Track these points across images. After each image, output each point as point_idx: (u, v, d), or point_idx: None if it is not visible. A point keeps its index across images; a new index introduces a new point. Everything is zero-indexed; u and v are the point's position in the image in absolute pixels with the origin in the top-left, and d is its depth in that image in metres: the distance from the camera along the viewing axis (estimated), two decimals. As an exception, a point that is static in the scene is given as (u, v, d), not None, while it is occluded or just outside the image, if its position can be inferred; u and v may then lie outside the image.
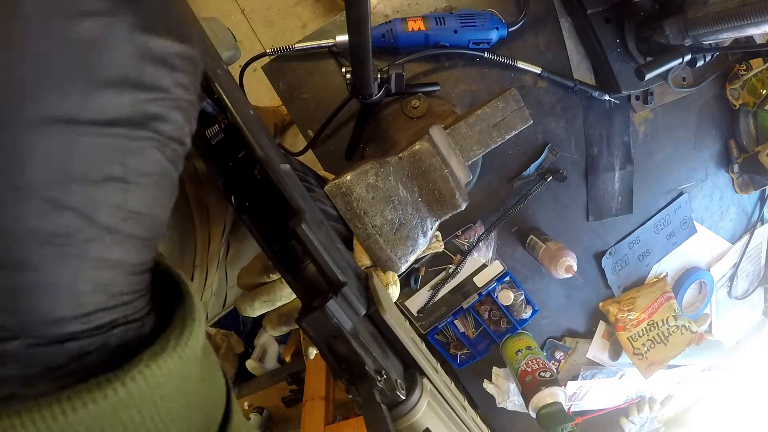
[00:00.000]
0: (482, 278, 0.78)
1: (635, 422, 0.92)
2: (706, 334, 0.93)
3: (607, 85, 0.70)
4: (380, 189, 0.47)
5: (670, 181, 0.81)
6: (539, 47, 0.70)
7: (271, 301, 0.41)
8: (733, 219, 0.88)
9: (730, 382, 1.01)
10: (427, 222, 0.51)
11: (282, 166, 0.31)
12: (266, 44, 1.67)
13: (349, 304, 0.29)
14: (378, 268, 0.50)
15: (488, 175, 0.73)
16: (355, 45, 0.44)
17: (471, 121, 0.57)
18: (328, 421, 0.88)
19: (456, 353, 0.81)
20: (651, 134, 0.78)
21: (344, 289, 0.28)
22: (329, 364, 0.29)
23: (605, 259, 0.81)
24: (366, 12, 0.39)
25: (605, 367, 0.89)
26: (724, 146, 0.83)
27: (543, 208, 0.77)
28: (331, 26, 0.65)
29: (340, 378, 0.29)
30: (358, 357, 0.28)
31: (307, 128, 0.68)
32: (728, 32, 0.57)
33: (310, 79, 0.67)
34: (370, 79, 0.53)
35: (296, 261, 0.35)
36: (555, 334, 0.85)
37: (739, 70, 0.77)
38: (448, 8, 0.67)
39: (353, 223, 0.45)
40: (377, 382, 0.28)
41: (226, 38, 0.92)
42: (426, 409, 0.30)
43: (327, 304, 0.27)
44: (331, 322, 0.27)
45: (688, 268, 0.88)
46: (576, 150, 0.75)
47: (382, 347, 0.31)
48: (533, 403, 0.72)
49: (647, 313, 0.83)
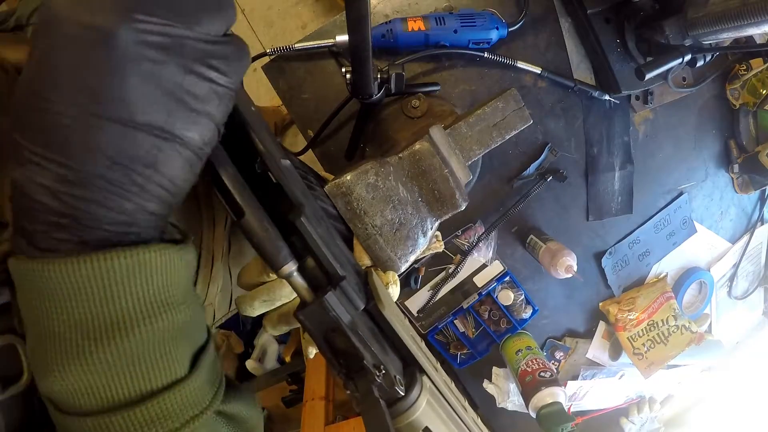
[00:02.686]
0: (482, 278, 0.78)
1: (635, 422, 0.92)
2: (706, 334, 0.93)
3: (607, 85, 0.70)
4: (380, 189, 0.47)
5: (670, 181, 0.81)
6: (539, 47, 0.70)
7: (271, 301, 0.41)
8: (733, 219, 0.88)
9: (730, 382, 1.01)
10: (427, 222, 0.51)
11: (282, 161, 0.31)
12: (266, 44, 1.67)
13: (348, 298, 0.29)
14: (378, 268, 0.50)
15: (488, 175, 0.73)
16: (355, 45, 0.44)
17: (471, 121, 0.57)
18: (328, 421, 0.88)
19: (456, 353, 0.81)
20: (651, 134, 0.78)
21: (343, 282, 0.28)
22: (327, 357, 0.29)
23: (605, 259, 0.81)
24: (366, 12, 0.39)
25: (605, 367, 0.89)
26: (724, 146, 0.83)
27: (543, 208, 0.77)
28: (331, 26, 0.65)
29: (338, 372, 0.29)
30: (357, 351, 0.28)
31: (307, 128, 0.68)
32: (728, 32, 0.57)
33: (310, 79, 0.67)
34: (370, 79, 0.53)
35: (296, 258, 0.35)
36: (555, 334, 0.85)
37: (739, 70, 0.77)
38: (448, 8, 0.67)
39: (353, 223, 0.44)
40: (376, 377, 0.28)
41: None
42: (425, 407, 0.30)
43: (325, 296, 0.27)
44: (329, 314, 0.27)
45: (688, 268, 0.88)
46: (576, 150, 0.75)
47: (380, 343, 0.31)
48: (533, 403, 0.72)
49: (647, 313, 0.83)
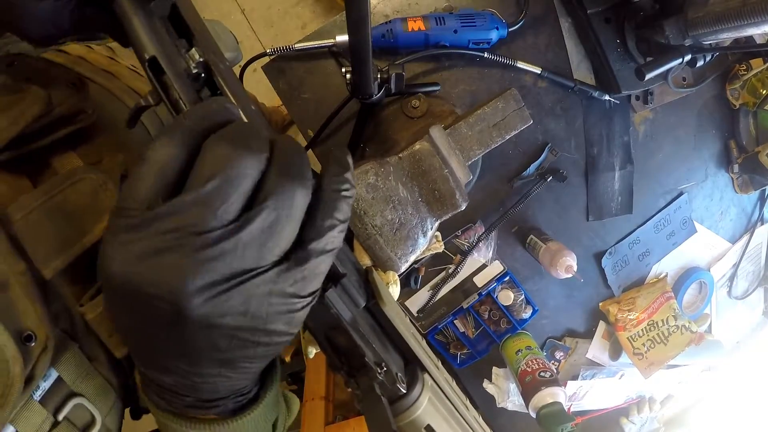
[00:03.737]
0: (482, 278, 0.78)
1: (635, 422, 0.92)
2: (706, 334, 0.92)
3: (607, 85, 0.70)
4: (380, 189, 0.47)
5: (670, 181, 0.81)
6: (539, 47, 0.70)
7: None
8: (733, 219, 0.88)
9: (730, 382, 1.01)
10: (427, 222, 0.51)
11: None
12: (266, 44, 1.67)
13: (349, 296, 0.29)
14: (378, 268, 0.50)
15: (488, 175, 0.73)
16: (355, 45, 0.44)
17: (471, 121, 0.57)
18: (328, 421, 0.88)
19: (456, 353, 0.81)
20: (651, 134, 0.78)
21: (344, 279, 0.28)
22: (328, 355, 0.29)
23: (605, 259, 0.81)
24: (366, 12, 0.39)
25: (605, 367, 0.89)
26: (724, 146, 0.83)
27: (543, 208, 0.77)
28: (331, 26, 0.65)
29: (339, 370, 0.29)
30: (358, 348, 0.28)
31: (307, 128, 0.68)
32: (728, 32, 0.57)
33: (310, 79, 0.67)
34: (370, 79, 0.53)
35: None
36: (555, 334, 0.85)
37: (739, 70, 0.77)
38: (448, 8, 0.67)
39: (353, 223, 0.45)
40: (377, 375, 0.28)
41: (228, 40, 0.92)
42: (427, 404, 0.30)
43: (326, 293, 0.27)
44: (330, 312, 0.27)
45: (688, 268, 0.88)
46: (576, 150, 0.75)
47: (381, 341, 0.31)
48: (533, 403, 0.72)
49: (647, 313, 0.83)
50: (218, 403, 0.27)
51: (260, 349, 0.23)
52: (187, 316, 0.20)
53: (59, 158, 0.39)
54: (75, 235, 0.34)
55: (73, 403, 0.33)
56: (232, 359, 0.23)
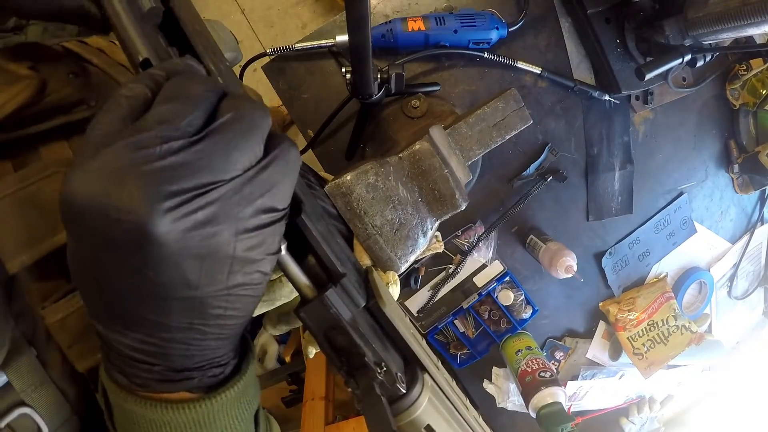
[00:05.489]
0: (482, 278, 0.78)
1: (635, 422, 0.92)
2: (706, 334, 0.93)
3: (607, 85, 0.70)
4: (380, 189, 0.47)
5: (670, 181, 0.81)
6: (539, 47, 0.70)
7: (271, 300, 0.41)
8: (733, 219, 0.88)
9: (730, 382, 1.01)
10: (427, 222, 0.51)
11: None
12: (266, 44, 1.67)
13: (349, 296, 0.29)
14: (378, 268, 0.50)
15: (488, 175, 0.73)
16: (355, 45, 0.44)
17: (471, 121, 0.57)
18: (328, 421, 0.87)
19: (456, 353, 0.81)
20: (651, 134, 0.78)
21: (343, 279, 0.28)
22: (328, 355, 0.29)
23: (605, 259, 0.81)
24: (366, 12, 0.39)
25: (605, 367, 0.89)
26: (724, 146, 0.83)
27: (543, 208, 0.77)
28: (331, 26, 0.65)
29: (339, 370, 0.29)
30: (358, 348, 0.28)
31: (307, 128, 0.68)
32: (728, 32, 0.57)
33: (310, 79, 0.67)
34: (370, 79, 0.53)
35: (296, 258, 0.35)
36: (555, 334, 0.85)
37: (739, 70, 0.77)
38: (448, 8, 0.67)
39: (353, 223, 0.45)
40: (377, 374, 0.28)
41: (228, 41, 0.92)
42: (427, 404, 0.30)
43: (326, 293, 0.27)
44: (330, 311, 0.27)
45: (688, 268, 0.88)
46: (576, 150, 0.75)
47: (381, 340, 0.31)
48: (533, 403, 0.72)
49: (647, 313, 0.83)
50: (192, 374, 0.24)
51: (236, 289, 0.22)
52: (150, 232, 0.18)
53: (48, 147, 0.37)
54: (46, 230, 0.32)
55: (19, 412, 0.30)
56: (204, 303, 0.21)
